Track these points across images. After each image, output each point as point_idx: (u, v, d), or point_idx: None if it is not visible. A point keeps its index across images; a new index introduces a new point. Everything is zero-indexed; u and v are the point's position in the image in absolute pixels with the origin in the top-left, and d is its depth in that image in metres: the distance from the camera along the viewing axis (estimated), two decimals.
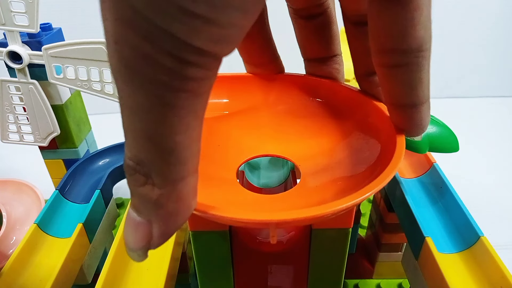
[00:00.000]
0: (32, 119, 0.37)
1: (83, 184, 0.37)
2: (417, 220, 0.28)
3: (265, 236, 0.25)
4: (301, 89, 0.27)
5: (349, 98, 0.25)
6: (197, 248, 0.23)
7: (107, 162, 0.40)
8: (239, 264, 0.25)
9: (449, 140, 0.28)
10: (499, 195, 0.51)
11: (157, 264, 0.28)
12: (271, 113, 0.27)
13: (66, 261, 0.28)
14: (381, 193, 0.36)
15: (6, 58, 0.34)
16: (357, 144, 0.24)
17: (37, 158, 0.42)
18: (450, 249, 0.27)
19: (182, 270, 0.35)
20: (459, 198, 0.29)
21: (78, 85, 0.35)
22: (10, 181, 0.45)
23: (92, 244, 0.33)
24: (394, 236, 0.35)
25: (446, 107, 0.73)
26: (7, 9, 0.32)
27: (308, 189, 0.22)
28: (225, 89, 0.28)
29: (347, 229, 0.22)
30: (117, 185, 0.39)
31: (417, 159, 0.35)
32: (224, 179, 0.23)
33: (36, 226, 0.31)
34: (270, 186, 0.31)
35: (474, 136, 0.63)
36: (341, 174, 0.22)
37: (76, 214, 0.34)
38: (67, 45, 0.33)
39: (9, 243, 0.40)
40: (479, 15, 0.71)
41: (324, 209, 0.16)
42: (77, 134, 0.41)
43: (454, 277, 0.25)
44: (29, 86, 0.36)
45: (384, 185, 0.18)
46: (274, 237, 0.20)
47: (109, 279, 0.26)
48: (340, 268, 0.24)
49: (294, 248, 0.25)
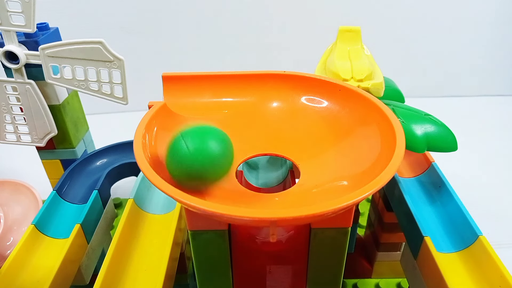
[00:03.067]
0: (29, 119, 0.37)
1: (80, 185, 0.37)
2: (416, 220, 0.28)
3: (264, 235, 0.25)
4: (301, 89, 0.27)
5: (349, 98, 0.25)
6: (196, 247, 0.23)
7: (104, 162, 0.40)
8: (238, 263, 0.25)
9: (448, 139, 0.28)
10: (498, 194, 0.51)
11: (155, 265, 0.28)
12: (270, 112, 0.27)
13: (64, 262, 0.28)
14: (379, 193, 0.36)
15: (3, 58, 0.34)
16: (357, 144, 0.24)
17: (35, 159, 0.42)
18: (448, 249, 0.27)
19: (180, 271, 0.35)
20: (457, 197, 0.29)
21: (75, 85, 0.35)
22: (7, 182, 0.45)
23: (90, 244, 0.33)
24: (393, 235, 0.35)
25: (444, 106, 0.73)
26: (3, 8, 0.32)
27: (307, 188, 0.22)
28: (225, 89, 0.27)
29: (346, 229, 0.22)
30: (115, 185, 0.39)
31: (415, 158, 0.35)
32: (223, 178, 0.23)
33: (34, 227, 0.30)
34: (269, 185, 0.31)
35: (472, 135, 0.63)
36: (341, 173, 0.22)
37: (73, 215, 0.33)
38: (64, 45, 0.33)
39: (6, 244, 0.40)
40: (477, 15, 0.71)
41: (324, 207, 0.16)
42: (75, 134, 0.41)
43: (453, 276, 0.25)
44: (26, 86, 0.35)
45: (383, 185, 0.18)
46: (274, 235, 0.20)
47: (107, 280, 0.26)
48: (339, 268, 0.24)
49: (293, 247, 0.25)
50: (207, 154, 0.20)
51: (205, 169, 0.20)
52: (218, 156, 0.20)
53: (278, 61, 0.73)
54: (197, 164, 0.20)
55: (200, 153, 0.20)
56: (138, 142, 0.21)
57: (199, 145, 0.20)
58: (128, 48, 0.69)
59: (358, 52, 0.33)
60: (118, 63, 0.33)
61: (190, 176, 0.20)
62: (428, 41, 0.73)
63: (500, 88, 0.78)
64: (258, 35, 0.71)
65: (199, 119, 0.25)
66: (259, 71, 0.28)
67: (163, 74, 0.27)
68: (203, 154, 0.20)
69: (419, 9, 0.70)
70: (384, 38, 0.72)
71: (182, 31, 0.70)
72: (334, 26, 0.35)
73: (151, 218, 0.32)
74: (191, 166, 0.20)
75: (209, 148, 0.20)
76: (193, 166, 0.20)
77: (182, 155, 0.20)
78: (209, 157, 0.20)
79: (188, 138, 0.20)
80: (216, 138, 0.21)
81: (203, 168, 0.20)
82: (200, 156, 0.20)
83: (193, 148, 0.20)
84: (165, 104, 0.26)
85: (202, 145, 0.20)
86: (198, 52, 0.72)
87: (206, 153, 0.20)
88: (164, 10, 0.67)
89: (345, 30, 0.34)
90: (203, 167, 0.20)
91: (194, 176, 0.20)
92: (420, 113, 0.29)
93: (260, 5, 0.68)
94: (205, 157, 0.20)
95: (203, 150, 0.20)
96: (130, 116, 0.46)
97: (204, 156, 0.20)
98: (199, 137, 0.20)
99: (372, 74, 0.29)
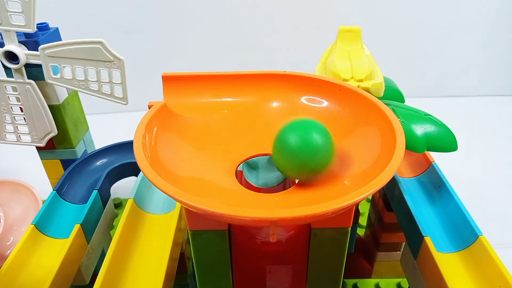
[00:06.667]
0: (29, 119, 0.37)
1: (80, 185, 0.37)
2: (416, 220, 0.28)
3: (264, 235, 0.25)
4: (301, 89, 0.27)
5: (349, 98, 0.25)
6: (196, 247, 0.23)
7: (104, 162, 0.40)
8: (238, 263, 0.25)
9: (448, 139, 0.28)
10: (498, 194, 0.51)
11: (155, 265, 0.28)
12: (270, 112, 0.27)
13: (64, 262, 0.28)
14: (379, 193, 0.36)
15: (3, 58, 0.34)
16: (357, 144, 0.24)
17: (35, 159, 0.42)
18: (448, 249, 0.27)
19: (180, 271, 0.35)
20: (457, 197, 0.29)
21: (75, 85, 0.35)
22: (8, 182, 0.45)
23: (90, 244, 0.33)
24: (393, 235, 0.35)
25: (444, 106, 0.73)
26: (3, 8, 0.32)
27: (307, 188, 0.22)
28: (225, 89, 0.27)
29: (346, 229, 0.22)
30: (115, 185, 0.39)
31: (415, 158, 0.35)
32: (223, 178, 0.23)
33: (34, 227, 0.30)
34: (269, 185, 0.31)
35: (472, 135, 0.63)
36: (341, 173, 0.22)
37: (73, 215, 0.33)
38: (64, 44, 0.33)
39: (6, 244, 0.40)
40: (477, 15, 0.71)
41: (324, 207, 0.16)
42: (75, 134, 0.41)
43: (453, 276, 0.25)
44: (26, 86, 0.35)
45: (383, 185, 0.18)
46: (274, 235, 0.20)
47: (107, 280, 0.26)
48: (339, 268, 0.24)
49: (293, 247, 0.25)
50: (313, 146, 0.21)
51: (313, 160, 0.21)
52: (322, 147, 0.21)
53: (278, 61, 0.73)
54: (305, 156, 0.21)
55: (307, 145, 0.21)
56: (138, 142, 0.21)
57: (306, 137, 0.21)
58: (128, 48, 0.69)
59: (358, 52, 0.33)
60: (118, 63, 0.33)
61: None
62: (428, 41, 0.73)
63: (500, 88, 0.78)
64: (258, 35, 0.71)
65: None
66: (259, 71, 0.28)
67: (163, 74, 0.27)
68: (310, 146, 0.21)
69: (419, 9, 0.70)
70: (384, 38, 0.72)
71: (182, 31, 0.70)
72: (334, 26, 0.35)
73: (151, 218, 0.32)
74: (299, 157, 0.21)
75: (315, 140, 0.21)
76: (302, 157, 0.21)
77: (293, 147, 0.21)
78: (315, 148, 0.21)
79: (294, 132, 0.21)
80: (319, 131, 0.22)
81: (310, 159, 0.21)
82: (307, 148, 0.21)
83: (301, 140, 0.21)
84: (165, 104, 0.26)
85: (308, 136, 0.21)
86: (198, 52, 0.72)
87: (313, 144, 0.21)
88: (164, 10, 0.67)
89: (345, 30, 0.34)
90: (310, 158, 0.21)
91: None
92: (420, 113, 0.29)
93: (260, 5, 0.68)
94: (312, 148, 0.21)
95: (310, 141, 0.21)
96: (130, 116, 0.46)
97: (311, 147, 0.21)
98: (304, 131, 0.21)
99: (372, 74, 0.29)
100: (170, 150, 0.23)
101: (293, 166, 0.22)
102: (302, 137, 0.21)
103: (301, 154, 0.21)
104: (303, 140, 0.21)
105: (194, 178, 0.22)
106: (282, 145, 0.22)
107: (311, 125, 0.22)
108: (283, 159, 0.22)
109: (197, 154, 0.24)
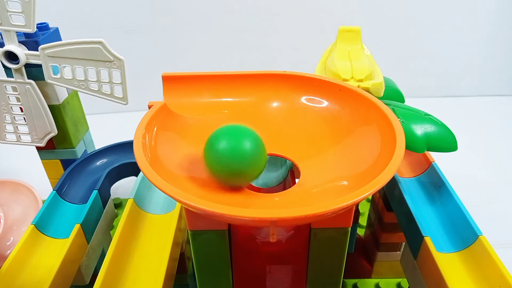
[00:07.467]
0: (29, 119, 0.37)
1: (80, 185, 0.37)
2: (416, 220, 0.28)
3: (264, 235, 0.25)
4: (301, 89, 0.27)
5: (349, 98, 0.25)
6: (196, 247, 0.23)
7: (104, 162, 0.40)
8: (238, 263, 0.25)
9: (448, 139, 0.28)
10: (498, 194, 0.51)
11: (155, 265, 0.28)
12: (270, 112, 0.27)
13: (64, 262, 0.28)
14: (379, 193, 0.36)
15: (3, 58, 0.34)
16: (357, 144, 0.24)
17: (35, 159, 0.42)
18: (448, 249, 0.27)
19: (180, 271, 0.35)
20: (457, 197, 0.29)
21: (75, 85, 0.34)
22: (7, 182, 0.45)
23: (90, 244, 0.33)
24: (393, 235, 0.35)
25: (444, 106, 0.73)
26: (3, 8, 0.32)
27: (307, 188, 0.22)
28: (224, 89, 0.27)
29: (346, 229, 0.22)
30: (115, 185, 0.39)
31: (415, 158, 0.35)
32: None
33: (34, 227, 0.30)
34: (269, 185, 0.31)
35: (472, 135, 0.63)
36: (341, 173, 0.22)
37: (73, 215, 0.33)
38: (64, 44, 0.33)
39: (6, 244, 0.40)
40: (477, 15, 0.71)
41: (324, 207, 0.16)
42: (75, 134, 0.41)
43: (453, 276, 0.25)
44: (26, 86, 0.35)
45: (383, 185, 0.18)
46: (274, 235, 0.20)
47: (107, 280, 0.26)
48: (339, 268, 0.24)
49: (293, 247, 0.25)
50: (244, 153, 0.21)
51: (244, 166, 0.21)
52: (254, 154, 0.21)
53: (278, 61, 0.73)
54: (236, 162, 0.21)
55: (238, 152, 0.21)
56: (138, 142, 0.21)
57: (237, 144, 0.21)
58: (128, 48, 0.69)
59: (358, 52, 0.33)
60: (118, 63, 0.33)
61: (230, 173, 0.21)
62: (428, 41, 0.73)
63: (500, 88, 0.78)
64: (258, 35, 0.71)
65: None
66: (259, 71, 0.28)
67: (163, 74, 0.27)
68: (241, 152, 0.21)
69: (419, 9, 0.70)
70: (384, 38, 0.72)
71: (182, 31, 0.70)
72: (334, 26, 0.35)
73: (151, 218, 0.32)
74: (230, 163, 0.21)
75: (246, 147, 0.21)
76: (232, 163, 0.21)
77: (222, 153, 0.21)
78: (246, 155, 0.21)
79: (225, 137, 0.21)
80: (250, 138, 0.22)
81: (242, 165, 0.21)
82: (238, 154, 0.21)
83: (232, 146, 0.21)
84: (165, 104, 0.26)
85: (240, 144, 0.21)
86: (198, 52, 0.72)
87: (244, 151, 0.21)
88: (164, 10, 0.67)
89: (345, 30, 0.34)
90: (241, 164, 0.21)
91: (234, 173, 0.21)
92: (420, 113, 0.29)
93: (260, 5, 0.68)
94: (243, 155, 0.21)
95: (240, 148, 0.21)
96: (130, 116, 0.46)
97: (242, 154, 0.21)
98: (235, 137, 0.21)
99: (372, 74, 0.29)
100: (170, 150, 0.23)
101: (221, 171, 0.21)
102: (230, 143, 0.21)
103: (229, 160, 0.21)
104: (231, 146, 0.21)
105: (194, 178, 0.22)
106: (211, 151, 0.21)
107: (239, 131, 0.22)
108: (212, 163, 0.22)
109: (197, 154, 0.24)
